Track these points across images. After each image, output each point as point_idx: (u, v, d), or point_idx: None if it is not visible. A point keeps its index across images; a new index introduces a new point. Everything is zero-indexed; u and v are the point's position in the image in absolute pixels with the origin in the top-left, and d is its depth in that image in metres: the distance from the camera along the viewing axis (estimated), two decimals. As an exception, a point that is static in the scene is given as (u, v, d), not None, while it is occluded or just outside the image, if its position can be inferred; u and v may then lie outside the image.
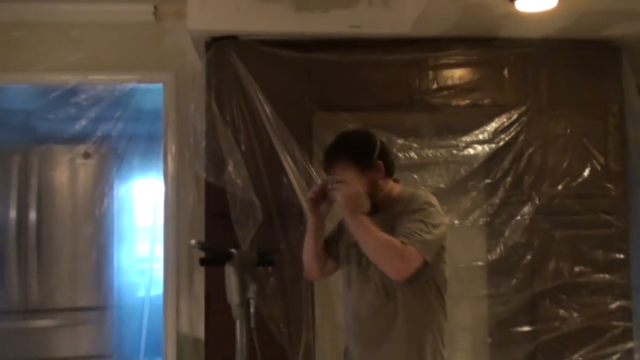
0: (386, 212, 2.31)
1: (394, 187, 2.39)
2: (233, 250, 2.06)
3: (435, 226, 2.19)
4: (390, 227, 2.23)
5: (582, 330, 3.43)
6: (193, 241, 2.09)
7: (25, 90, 3.87)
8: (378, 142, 2.38)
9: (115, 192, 3.85)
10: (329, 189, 2.30)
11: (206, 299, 3.50)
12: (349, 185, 2.25)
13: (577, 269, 3.47)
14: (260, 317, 3.30)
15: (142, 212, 4.36)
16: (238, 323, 2.04)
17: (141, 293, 4.12)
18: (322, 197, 2.34)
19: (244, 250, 2.37)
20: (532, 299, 3.43)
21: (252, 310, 2.02)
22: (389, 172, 2.39)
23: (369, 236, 2.18)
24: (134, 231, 4.29)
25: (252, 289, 2.04)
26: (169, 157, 3.69)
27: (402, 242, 2.12)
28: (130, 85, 3.61)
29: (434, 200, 2.28)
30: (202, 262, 2.40)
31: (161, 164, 3.75)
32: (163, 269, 3.70)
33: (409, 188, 2.42)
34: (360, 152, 2.34)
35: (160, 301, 3.75)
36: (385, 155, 2.39)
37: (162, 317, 3.68)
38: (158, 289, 3.87)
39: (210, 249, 2.25)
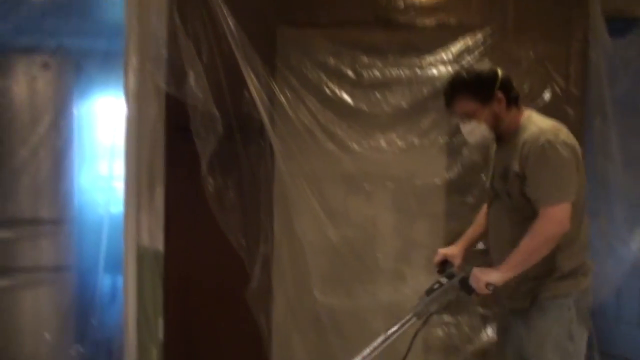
0: (510, 141, 2.38)
1: (517, 115, 2.44)
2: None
3: (560, 166, 2.26)
4: (510, 159, 2.35)
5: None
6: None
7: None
8: (499, 74, 2.41)
9: (75, 106, 3.78)
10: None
11: (166, 213, 3.52)
12: (475, 278, 2.39)
13: (532, 190, 3.52)
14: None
15: (103, 132, 4.30)
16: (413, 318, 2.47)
17: (101, 210, 4.09)
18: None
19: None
20: (488, 217, 3.48)
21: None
22: (511, 102, 2.43)
23: (527, 258, 2.30)
24: (96, 149, 4.23)
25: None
26: (130, 71, 3.61)
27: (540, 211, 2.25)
28: (90, -9, 3.51)
29: (551, 135, 2.30)
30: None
31: (122, 80, 3.67)
32: (124, 183, 3.65)
33: (533, 116, 2.44)
34: (478, 86, 2.39)
35: (121, 218, 3.72)
36: (508, 86, 2.43)
37: (123, 231, 3.66)
38: (118, 207, 3.85)
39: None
